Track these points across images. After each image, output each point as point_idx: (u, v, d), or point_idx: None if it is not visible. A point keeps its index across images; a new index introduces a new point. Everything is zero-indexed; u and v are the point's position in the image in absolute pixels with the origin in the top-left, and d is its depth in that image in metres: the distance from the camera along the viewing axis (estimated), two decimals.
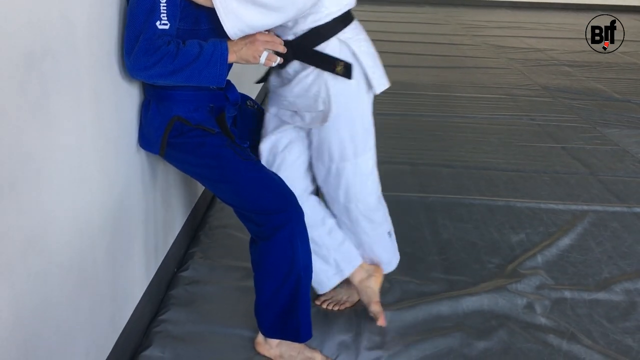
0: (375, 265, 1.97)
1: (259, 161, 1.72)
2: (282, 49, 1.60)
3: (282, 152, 1.80)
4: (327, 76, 1.66)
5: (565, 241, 2.46)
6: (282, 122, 1.79)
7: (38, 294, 1.19)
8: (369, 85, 1.74)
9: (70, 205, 1.31)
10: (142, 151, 1.74)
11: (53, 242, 1.24)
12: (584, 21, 9.26)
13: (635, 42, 7.52)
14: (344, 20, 1.68)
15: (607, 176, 3.18)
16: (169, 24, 1.49)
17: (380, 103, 4.34)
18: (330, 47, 1.65)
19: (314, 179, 1.89)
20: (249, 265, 1.75)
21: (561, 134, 3.86)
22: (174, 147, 1.65)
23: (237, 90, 1.79)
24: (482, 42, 7.10)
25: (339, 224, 1.90)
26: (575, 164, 3.34)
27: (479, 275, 2.22)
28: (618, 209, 2.80)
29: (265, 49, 1.57)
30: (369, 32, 1.67)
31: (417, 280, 2.17)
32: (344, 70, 1.65)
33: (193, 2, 1.53)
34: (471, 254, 2.37)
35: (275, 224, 1.60)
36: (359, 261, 1.93)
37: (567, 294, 2.12)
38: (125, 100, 1.61)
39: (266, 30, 1.61)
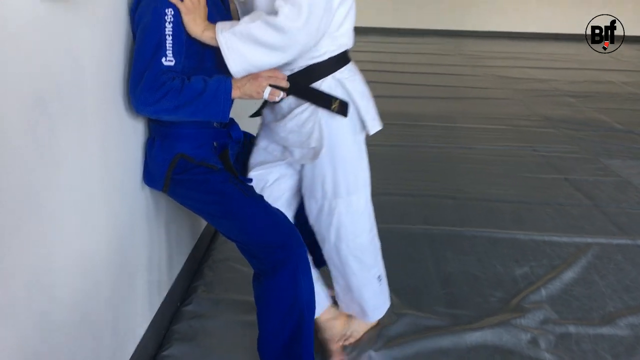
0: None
1: (262, 197, 1.73)
2: (285, 84, 1.62)
3: (269, 187, 1.81)
4: (322, 113, 1.67)
5: (569, 274, 2.46)
6: (272, 157, 1.81)
7: (41, 332, 1.20)
8: (363, 126, 1.75)
9: (74, 243, 1.33)
10: (147, 187, 1.76)
11: (57, 281, 1.25)
12: (585, 51, 9.38)
13: (636, 72, 7.58)
14: (340, 60, 1.69)
15: (610, 208, 3.18)
16: (174, 61, 1.51)
17: (385, 134, 4.38)
18: (325, 84, 1.67)
19: (293, 217, 1.89)
20: (252, 299, 1.75)
21: (564, 165, 3.87)
22: (178, 184, 1.67)
23: (239, 128, 1.82)
24: (485, 72, 7.16)
25: (329, 265, 1.90)
26: (578, 196, 3.34)
27: (483, 309, 2.22)
28: (622, 241, 2.79)
29: (268, 84, 1.59)
30: (374, 62, 1.70)
31: (420, 314, 2.16)
32: (340, 107, 1.66)
33: (198, 40, 1.57)
34: (474, 288, 2.36)
35: (278, 259, 1.61)
36: (326, 304, 1.94)
37: (572, 328, 2.10)
38: (130, 138, 1.63)
39: None
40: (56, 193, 1.23)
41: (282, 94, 1.62)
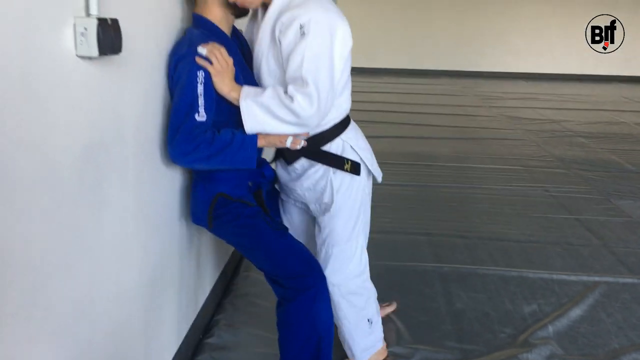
0: None
1: (287, 230, 1.92)
2: (307, 133, 1.80)
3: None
4: (332, 172, 1.87)
5: (576, 312, 2.54)
6: (294, 213, 2.10)
7: (84, 356, 1.34)
8: (369, 175, 1.96)
9: (113, 277, 1.48)
10: (177, 226, 1.93)
11: (99, 311, 1.40)
12: (599, 92, 9.52)
13: None
14: (344, 123, 1.90)
15: (619, 248, 3.26)
16: (205, 117, 1.69)
17: (399, 174, 4.57)
18: (334, 146, 1.87)
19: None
20: (271, 332, 1.88)
21: (575, 205, 3.96)
22: (217, 219, 1.85)
23: (271, 168, 2.00)
24: (499, 113, 7.30)
25: None
26: (588, 236, 3.43)
27: (492, 344, 2.31)
28: (629, 280, 2.87)
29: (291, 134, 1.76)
30: (389, 103, 1.83)
31: (431, 348, 2.26)
32: (352, 167, 1.87)
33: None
34: (484, 324, 2.46)
35: (299, 287, 1.77)
36: None
37: None
38: (163, 180, 1.79)
39: None
40: (99, 233, 1.38)
41: (303, 142, 1.80)
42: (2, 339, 1.06)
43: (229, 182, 1.85)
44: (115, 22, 1.31)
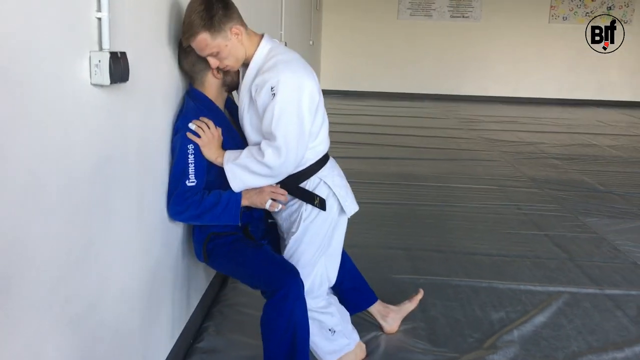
0: None
1: (264, 247, 2.18)
2: (284, 199, 2.08)
3: None
4: (304, 206, 2.10)
5: (540, 319, 2.75)
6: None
7: (92, 350, 1.52)
8: (342, 211, 2.16)
9: (118, 278, 1.66)
10: (174, 237, 2.14)
11: (106, 308, 1.58)
12: (576, 116, 9.85)
13: (621, 136, 7.98)
14: (320, 162, 2.13)
15: (584, 261, 3.48)
16: (195, 182, 2.00)
17: (381, 193, 4.79)
18: (310, 183, 2.10)
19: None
20: (257, 338, 2.07)
21: (545, 222, 4.19)
22: (210, 255, 2.14)
23: (261, 210, 2.21)
24: (478, 135, 7.57)
25: None
26: (556, 250, 3.65)
27: (461, 347, 2.50)
28: (591, 290, 3.08)
29: (270, 198, 2.05)
30: (373, 125, 1.99)
31: (406, 351, 2.45)
32: (320, 203, 2.09)
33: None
34: (455, 329, 2.65)
35: (273, 288, 1.99)
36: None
37: None
38: (161, 193, 1.99)
39: None
40: (107, 237, 1.57)
41: (280, 206, 2.07)
42: (24, 329, 1.23)
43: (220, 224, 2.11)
44: (123, 54, 1.51)
